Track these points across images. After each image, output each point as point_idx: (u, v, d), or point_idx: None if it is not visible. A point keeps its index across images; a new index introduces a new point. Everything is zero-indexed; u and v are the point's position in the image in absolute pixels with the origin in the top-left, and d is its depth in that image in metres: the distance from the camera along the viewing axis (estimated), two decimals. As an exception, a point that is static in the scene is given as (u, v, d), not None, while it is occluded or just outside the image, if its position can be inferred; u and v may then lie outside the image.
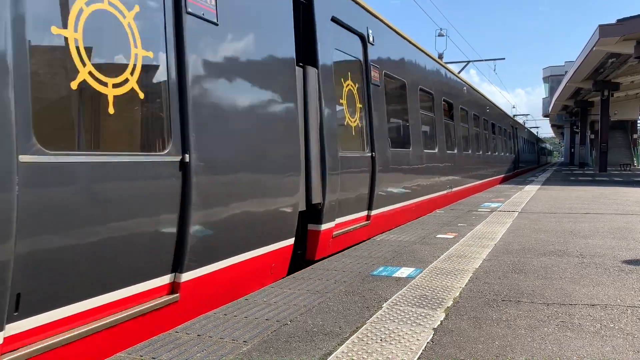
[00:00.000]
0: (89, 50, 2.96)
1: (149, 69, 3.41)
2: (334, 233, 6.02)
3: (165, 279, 3.52)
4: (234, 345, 2.83)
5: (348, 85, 6.65)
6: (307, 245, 5.70)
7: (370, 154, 7.06)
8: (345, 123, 6.54)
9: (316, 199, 5.53)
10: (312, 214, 5.62)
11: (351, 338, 2.91)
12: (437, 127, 11.03)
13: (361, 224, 6.86)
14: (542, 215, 8.57)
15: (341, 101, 6.44)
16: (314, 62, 5.68)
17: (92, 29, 2.99)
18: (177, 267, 3.61)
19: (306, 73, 5.49)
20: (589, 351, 2.72)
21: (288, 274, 4.92)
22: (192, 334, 3.01)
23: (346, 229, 6.36)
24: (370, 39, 7.28)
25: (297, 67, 5.28)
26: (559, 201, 11.06)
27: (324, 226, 5.74)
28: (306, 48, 5.67)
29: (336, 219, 6.06)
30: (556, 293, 3.83)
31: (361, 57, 7.12)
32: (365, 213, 7.00)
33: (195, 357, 2.67)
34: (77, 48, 2.88)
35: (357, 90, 6.90)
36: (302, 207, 5.31)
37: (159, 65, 3.49)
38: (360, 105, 6.97)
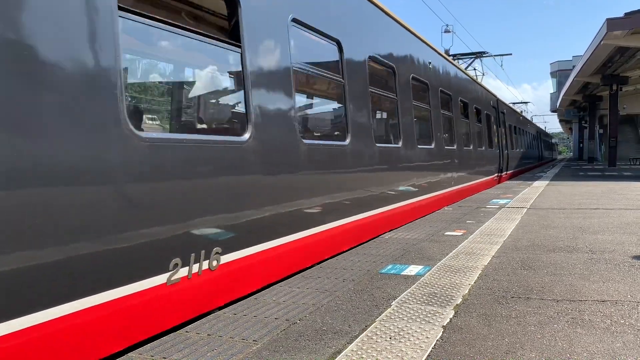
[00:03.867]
0: None
1: None
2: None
3: None
4: (244, 344, 2.85)
5: None
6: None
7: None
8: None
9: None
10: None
11: (360, 336, 2.91)
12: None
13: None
14: (551, 211, 8.53)
15: None
16: None
17: None
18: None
19: None
20: (599, 347, 2.71)
21: None
22: (202, 333, 3.03)
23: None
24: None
25: None
26: (568, 197, 10.99)
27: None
28: None
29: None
30: (566, 289, 3.81)
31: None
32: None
33: (205, 356, 2.69)
34: None
35: None
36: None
37: None
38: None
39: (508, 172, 19.46)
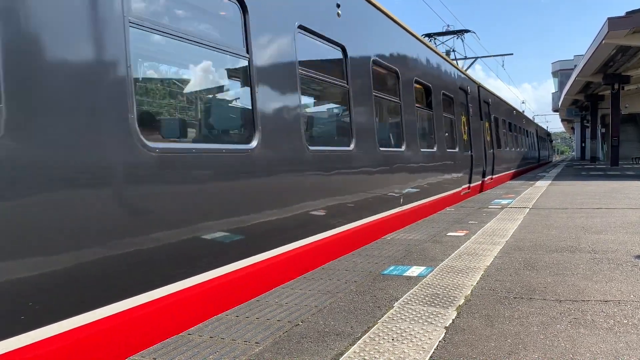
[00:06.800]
0: None
1: None
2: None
3: None
4: (247, 346, 2.85)
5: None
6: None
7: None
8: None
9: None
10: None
11: (363, 338, 2.91)
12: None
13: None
14: (554, 211, 8.51)
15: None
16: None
17: None
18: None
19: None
20: (602, 348, 2.71)
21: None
22: (205, 335, 3.03)
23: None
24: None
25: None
26: (570, 196, 10.98)
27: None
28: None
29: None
30: (568, 289, 3.81)
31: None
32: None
33: (208, 358, 2.69)
34: None
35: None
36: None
37: None
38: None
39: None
